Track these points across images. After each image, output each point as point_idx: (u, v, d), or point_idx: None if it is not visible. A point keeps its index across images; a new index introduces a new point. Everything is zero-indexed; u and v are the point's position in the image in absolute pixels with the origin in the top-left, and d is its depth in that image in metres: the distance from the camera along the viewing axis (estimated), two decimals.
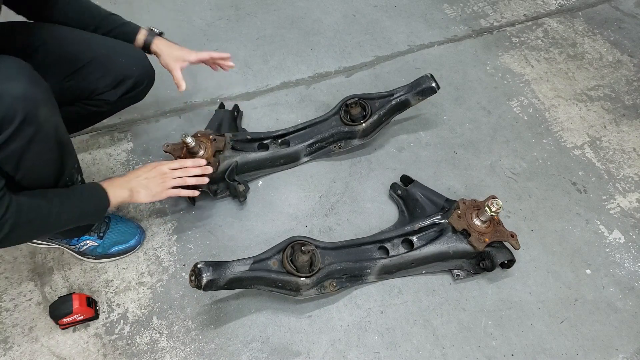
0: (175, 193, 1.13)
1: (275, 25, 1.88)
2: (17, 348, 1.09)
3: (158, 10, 1.90)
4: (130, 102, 1.22)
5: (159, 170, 1.12)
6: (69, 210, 0.94)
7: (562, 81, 1.75)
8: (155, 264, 1.24)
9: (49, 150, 0.88)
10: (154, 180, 1.10)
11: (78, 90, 1.10)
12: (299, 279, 1.07)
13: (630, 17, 2.00)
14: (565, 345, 1.15)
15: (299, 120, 1.50)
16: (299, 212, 1.36)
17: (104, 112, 1.21)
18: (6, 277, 1.19)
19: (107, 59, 1.11)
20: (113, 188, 1.03)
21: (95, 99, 1.13)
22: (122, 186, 1.06)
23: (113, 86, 1.13)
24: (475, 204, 1.21)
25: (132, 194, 1.07)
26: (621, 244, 1.33)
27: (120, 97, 1.15)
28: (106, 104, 1.15)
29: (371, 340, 1.14)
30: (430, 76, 1.40)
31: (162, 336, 1.13)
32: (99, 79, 1.11)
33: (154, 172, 1.11)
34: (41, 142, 0.84)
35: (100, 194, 1.01)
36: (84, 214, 0.99)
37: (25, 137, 0.80)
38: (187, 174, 1.15)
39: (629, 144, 1.58)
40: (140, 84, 1.18)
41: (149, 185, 1.09)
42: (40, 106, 0.82)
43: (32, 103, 0.80)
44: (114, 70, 1.11)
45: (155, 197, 1.11)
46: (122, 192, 1.05)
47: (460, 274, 1.22)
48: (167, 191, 1.12)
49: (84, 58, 1.08)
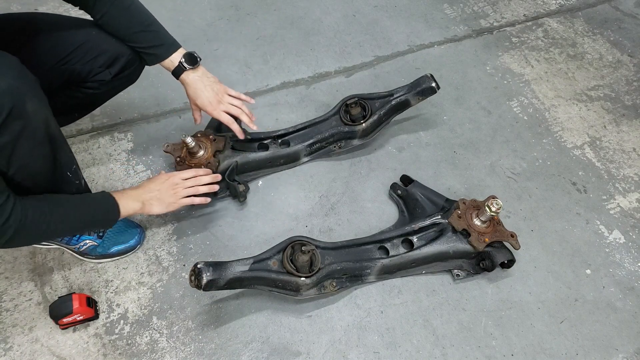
0: (188, 202, 1.16)
1: (275, 25, 1.88)
2: (17, 348, 1.09)
3: (158, 10, 1.89)
4: (125, 83, 1.21)
5: (171, 182, 1.14)
6: (75, 219, 0.95)
7: (562, 81, 1.75)
8: (155, 264, 1.24)
9: (40, 144, 0.88)
10: (166, 192, 1.12)
11: (74, 73, 1.10)
12: (299, 279, 1.07)
13: (630, 17, 2.00)
14: (565, 345, 1.15)
15: (299, 120, 1.49)
16: (299, 212, 1.36)
17: (100, 95, 1.20)
18: (6, 277, 1.19)
19: (100, 39, 1.10)
20: (125, 199, 1.04)
21: (90, 80, 1.12)
22: (135, 198, 1.07)
23: (107, 65, 1.11)
24: (475, 204, 1.21)
25: (144, 206, 1.09)
26: (621, 244, 1.33)
27: (115, 76, 1.14)
28: (102, 84, 1.14)
29: (371, 340, 1.14)
30: (430, 76, 1.40)
31: (162, 336, 1.13)
32: (94, 59, 1.10)
33: (166, 184, 1.13)
34: (30, 136, 0.84)
35: (110, 206, 1.02)
36: (90, 224, 1.01)
37: (14, 131, 0.79)
38: (199, 183, 1.17)
39: (629, 144, 1.58)
40: (132, 63, 1.16)
41: (162, 197, 1.11)
42: (28, 100, 0.81)
43: (19, 96, 0.79)
44: (107, 50, 1.10)
45: (168, 208, 1.13)
46: (133, 204, 1.06)
47: (460, 274, 1.22)
48: (180, 201, 1.14)
49: (77, 40, 1.08)
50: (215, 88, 1.20)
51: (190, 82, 1.17)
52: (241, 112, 1.23)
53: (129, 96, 1.55)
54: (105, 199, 1.02)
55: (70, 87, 1.13)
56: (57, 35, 1.07)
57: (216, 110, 1.20)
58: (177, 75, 1.17)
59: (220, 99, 1.21)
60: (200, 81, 1.18)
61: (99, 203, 1.01)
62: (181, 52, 1.15)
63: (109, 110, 1.54)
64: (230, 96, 1.23)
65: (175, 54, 1.14)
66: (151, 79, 1.61)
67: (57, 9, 1.81)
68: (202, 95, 1.18)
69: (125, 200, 1.04)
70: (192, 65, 1.16)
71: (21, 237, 0.85)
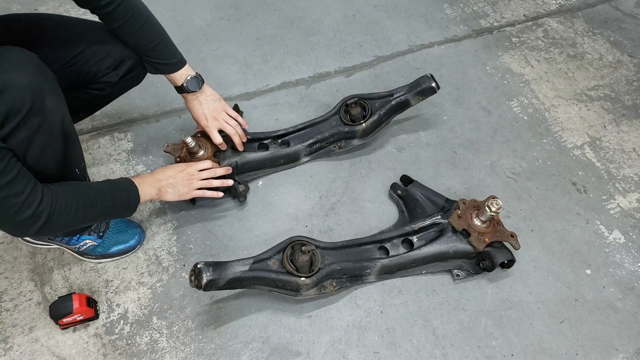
0: (200, 194, 1.18)
1: (275, 25, 1.88)
2: (17, 348, 1.09)
3: (158, 10, 1.89)
4: (131, 84, 1.23)
5: (188, 172, 1.16)
6: (102, 203, 0.96)
7: (562, 81, 1.75)
8: (155, 264, 1.24)
9: (55, 140, 0.89)
10: (182, 181, 1.15)
11: (81, 75, 1.11)
12: (299, 279, 1.07)
13: (630, 17, 2.00)
14: (565, 345, 1.15)
15: (299, 120, 1.50)
16: (299, 212, 1.36)
17: (106, 96, 1.21)
18: (6, 277, 1.19)
19: (107, 41, 1.11)
20: (143, 185, 1.07)
21: (97, 81, 1.14)
22: (152, 185, 1.09)
23: (114, 67, 1.13)
24: (475, 204, 1.21)
25: (160, 193, 1.11)
26: (621, 244, 1.33)
27: (122, 78, 1.16)
28: (108, 86, 1.16)
29: (371, 340, 1.14)
30: (430, 76, 1.40)
31: (162, 336, 1.13)
32: (100, 61, 1.11)
33: (182, 174, 1.16)
34: (47, 132, 0.85)
35: (132, 190, 1.04)
36: (115, 209, 1.02)
37: (32, 126, 0.81)
38: (213, 175, 1.20)
39: (629, 144, 1.58)
40: (139, 64, 1.18)
41: (177, 185, 1.14)
42: (47, 96, 0.83)
43: (39, 93, 0.80)
44: (114, 52, 1.12)
45: (181, 197, 1.16)
46: (151, 190, 1.09)
47: (460, 274, 1.22)
48: (193, 192, 1.17)
49: (84, 42, 1.09)
50: (213, 106, 1.25)
51: (190, 98, 1.23)
52: (235, 133, 1.28)
53: (129, 96, 1.54)
54: (127, 183, 1.04)
55: (77, 88, 1.14)
56: (63, 36, 1.08)
57: (208, 127, 1.24)
58: (180, 91, 1.22)
59: (216, 116, 1.25)
60: (197, 100, 1.23)
61: (122, 187, 1.03)
62: (187, 70, 1.19)
63: (109, 110, 1.54)
64: (228, 115, 1.28)
65: (181, 71, 1.18)
66: (151, 79, 1.59)
67: (57, 8, 1.81)
68: (198, 111, 1.24)
69: (144, 186, 1.07)
70: (195, 90, 1.21)
71: (54, 222, 0.86)
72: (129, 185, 1.04)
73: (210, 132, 1.25)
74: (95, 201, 0.95)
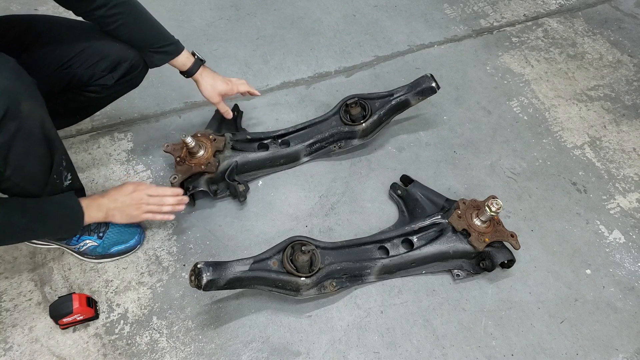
0: (150, 217, 1.16)
1: (275, 25, 1.88)
2: (17, 348, 1.09)
3: (158, 10, 1.90)
4: (128, 87, 1.23)
5: (136, 197, 1.14)
6: (38, 226, 0.95)
7: (562, 81, 1.75)
8: (155, 264, 1.24)
9: (36, 145, 0.88)
10: (129, 207, 1.13)
11: (76, 77, 1.10)
12: (299, 279, 1.07)
13: (630, 17, 2.00)
14: (565, 345, 1.15)
15: (299, 120, 1.50)
16: (299, 212, 1.36)
17: (102, 98, 1.21)
18: (6, 277, 1.19)
19: (103, 44, 1.11)
20: (90, 209, 1.06)
21: (93, 84, 1.13)
22: (99, 209, 1.09)
23: (110, 70, 1.13)
24: (475, 204, 1.21)
25: (107, 216, 1.11)
26: (621, 244, 1.33)
27: (117, 80, 1.15)
28: (104, 88, 1.16)
29: (371, 340, 1.14)
30: (430, 76, 1.40)
31: (162, 336, 1.13)
32: (96, 63, 1.11)
33: (130, 199, 1.13)
34: (26, 137, 0.84)
35: (76, 213, 1.03)
36: (54, 231, 1.03)
37: (8, 132, 0.80)
38: (162, 203, 1.16)
39: (629, 144, 1.58)
40: (136, 67, 1.18)
41: (125, 209, 1.13)
42: (23, 101, 0.81)
43: (14, 97, 0.79)
44: (110, 55, 1.11)
45: (130, 221, 1.15)
46: (97, 214, 1.08)
47: (460, 274, 1.22)
48: (142, 215, 1.15)
49: (79, 44, 1.09)
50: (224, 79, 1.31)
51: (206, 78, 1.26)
52: (245, 83, 1.36)
53: (129, 96, 1.53)
54: (72, 207, 1.03)
55: (73, 90, 1.14)
56: (58, 39, 1.07)
57: (233, 90, 1.32)
58: (192, 72, 1.23)
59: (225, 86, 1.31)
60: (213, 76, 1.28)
61: (65, 210, 1.02)
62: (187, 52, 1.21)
63: (109, 110, 1.54)
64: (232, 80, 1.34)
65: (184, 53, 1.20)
66: (151, 79, 1.61)
67: (57, 8, 1.79)
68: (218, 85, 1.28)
69: (89, 210, 1.06)
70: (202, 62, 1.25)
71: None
72: (74, 208, 1.02)
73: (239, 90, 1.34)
74: (31, 224, 0.92)
